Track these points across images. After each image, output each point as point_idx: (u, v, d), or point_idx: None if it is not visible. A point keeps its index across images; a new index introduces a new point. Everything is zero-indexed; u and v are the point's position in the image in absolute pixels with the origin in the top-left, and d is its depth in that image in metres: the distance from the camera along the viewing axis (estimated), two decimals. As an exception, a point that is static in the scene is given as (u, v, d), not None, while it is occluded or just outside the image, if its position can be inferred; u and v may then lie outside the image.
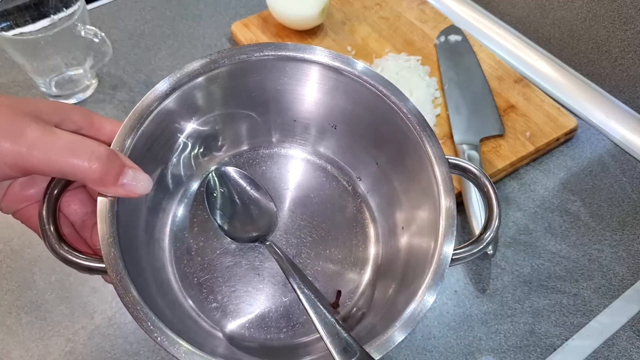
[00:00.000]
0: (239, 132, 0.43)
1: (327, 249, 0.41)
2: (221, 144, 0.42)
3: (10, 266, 0.48)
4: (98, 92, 0.62)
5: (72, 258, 0.30)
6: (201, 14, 0.72)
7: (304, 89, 0.40)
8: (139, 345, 0.44)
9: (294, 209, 0.42)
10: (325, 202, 0.42)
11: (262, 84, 0.39)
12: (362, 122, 0.40)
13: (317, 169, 0.44)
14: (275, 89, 0.40)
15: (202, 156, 0.41)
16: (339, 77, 0.38)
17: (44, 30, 0.57)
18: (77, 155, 0.27)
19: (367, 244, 0.41)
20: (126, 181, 0.28)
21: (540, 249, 0.50)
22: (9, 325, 0.45)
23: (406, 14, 0.69)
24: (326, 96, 0.40)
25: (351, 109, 0.40)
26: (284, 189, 0.42)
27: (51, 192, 0.31)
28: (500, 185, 0.55)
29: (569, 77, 0.64)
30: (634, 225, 0.52)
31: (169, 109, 0.35)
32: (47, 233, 0.30)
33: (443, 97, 0.60)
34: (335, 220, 0.41)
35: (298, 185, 0.43)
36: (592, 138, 0.59)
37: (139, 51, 0.67)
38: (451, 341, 0.45)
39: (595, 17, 0.59)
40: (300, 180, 0.43)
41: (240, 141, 0.43)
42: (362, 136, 0.41)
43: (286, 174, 0.43)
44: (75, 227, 0.33)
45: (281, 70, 0.39)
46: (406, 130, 0.36)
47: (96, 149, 0.27)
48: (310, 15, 0.64)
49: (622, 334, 0.45)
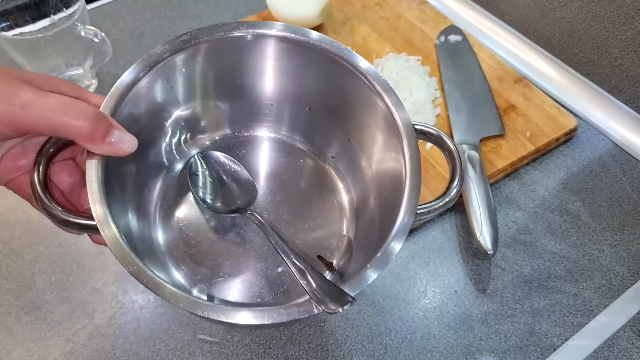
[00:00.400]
0: (218, 117, 0.44)
1: (305, 223, 0.43)
2: (202, 128, 0.44)
3: (10, 266, 0.49)
4: (98, 91, 0.62)
5: (64, 216, 0.31)
6: (201, 14, 0.72)
7: (269, 68, 0.42)
8: (139, 345, 0.44)
9: (272, 188, 0.44)
10: (301, 181, 0.45)
11: (232, 67, 0.41)
12: (334, 101, 0.42)
13: (292, 149, 0.46)
14: (247, 72, 0.42)
15: (184, 140, 0.43)
16: (301, 49, 0.40)
17: (44, 30, 0.57)
18: (68, 114, 0.29)
19: (342, 217, 0.44)
20: (113, 140, 0.31)
21: (541, 249, 0.50)
22: (9, 325, 0.45)
23: (406, 14, 0.69)
24: (295, 78, 0.42)
25: (323, 88, 0.42)
26: (261, 170, 0.45)
27: (41, 159, 0.32)
28: (500, 185, 0.55)
29: (569, 77, 0.64)
30: (634, 225, 0.52)
31: (145, 93, 0.37)
32: (40, 196, 0.31)
33: (443, 97, 0.60)
34: (311, 198, 0.44)
35: (275, 166, 0.45)
36: (592, 138, 0.59)
37: (139, 51, 0.67)
38: (451, 341, 0.45)
39: (595, 17, 0.59)
40: (277, 161, 0.46)
41: (221, 125, 0.45)
42: (335, 115, 0.43)
43: (264, 156, 0.46)
44: (65, 194, 0.35)
45: (246, 49, 0.40)
46: (373, 98, 0.39)
47: (85, 108, 0.30)
48: (310, 15, 0.64)
49: (622, 334, 0.45)
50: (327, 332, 0.45)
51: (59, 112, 0.29)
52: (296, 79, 0.43)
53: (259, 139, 0.47)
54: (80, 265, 0.49)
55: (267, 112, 0.46)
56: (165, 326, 0.45)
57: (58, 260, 0.49)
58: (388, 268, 0.32)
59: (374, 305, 0.47)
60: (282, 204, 0.43)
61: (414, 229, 0.51)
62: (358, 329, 0.45)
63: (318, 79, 0.42)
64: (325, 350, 0.44)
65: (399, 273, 0.49)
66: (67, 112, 0.29)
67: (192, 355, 0.44)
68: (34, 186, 0.32)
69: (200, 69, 0.40)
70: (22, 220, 0.51)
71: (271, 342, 0.44)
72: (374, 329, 0.45)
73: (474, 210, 0.49)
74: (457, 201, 0.52)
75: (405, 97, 0.58)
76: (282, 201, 0.44)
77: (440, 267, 0.49)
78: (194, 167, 0.42)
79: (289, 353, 0.44)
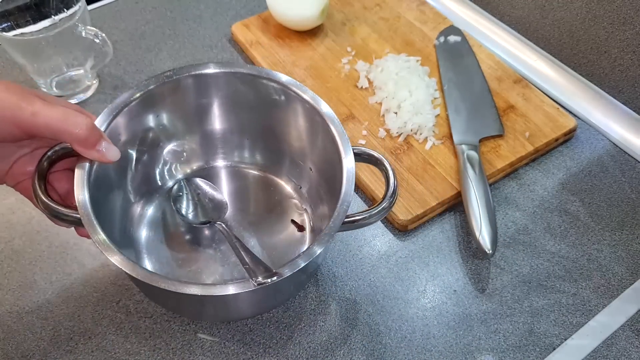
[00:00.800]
0: (194, 149, 0.52)
1: (270, 238, 0.49)
2: (180, 158, 0.52)
3: (11, 266, 0.49)
4: (99, 92, 0.62)
5: (56, 207, 0.37)
6: (202, 15, 0.72)
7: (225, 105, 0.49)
8: (140, 345, 0.44)
9: (240, 209, 0.51)
10: (267, 205, 0.51)
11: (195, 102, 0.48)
12: (288, 130, 0.48)
13: (257, 177, 0.53)
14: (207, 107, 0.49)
15: (164, 166, 0.51)
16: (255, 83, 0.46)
17: (44, 31, 0.58)
18: (68, 123, 0.35)
19: (304, 234, 0.50)
20: (101, 148, 0.37)
21: (540, 248, 0.50)
22: (9, 325, 0.45)
23: (406, 14, 0.70)
24: (246, 111, 0.49)
25: (276, 120, 0.48)
26: (230, 197, 0.52)
27: (42, 164, 0.38)
28: (499, 185, 0.55)
29: (568, 78, 0.64)
30: (633, 225, 0.52)
31: (128, 122, 0.44)
32: (38, 192, 0.37)
33: (442, 98, 0.60)
34: (275, 218, 0.50)
35: (241, 192, 0.52)
36: (592, 138, 0.59)
37: (140, 52, 0.67)
38: (450, 340, 0.45)
39: (594, 18, 0.60)
40: (244, 188, 0.53)
41: (196, 156, 0.52)
42: (293, 143, 0.49)
43: (232, 185, 0.53)
44: (62, 197, 0.41)
45: (208, 88, 0.47)
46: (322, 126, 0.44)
47: (83, 120, 0.36)
48: (310, 16, 0.64)
49: (620, 334, 0.45)
50: (327, 332, 0.45)
51: (61, 121, 0.35)
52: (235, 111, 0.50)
53: (222, 168, 0.53)
54: (81, 265, 0.49)
55: (230, 144, 0.52)
56: (166, 325, 0.45)
57: (59, 260, 0.49)
58: (305, 265, 0.36)
59: (374, 305, 0.47)
60: (248, 225, 0.50)
61: (414, 229, 0.51)
62: (358, 328, 0.45)
63: (266, 112, 0.48)
64: (325, 349, 0.44)
65: (399, 273, 0.49)
66: (68, 121, 0.35)
67: (192, 354, 0.44)
68: (34, 184, 0.38)
69: (166, 107, 0.47)
70: (23, 220, 0.51)
71: (271, 342, 0.45)
72: (374, 328, 0.45)
73: (474, 210, 0.49)
74: (457, 201, 0.53)
75: (405, 98, 0.58)
76: (251, 221, 0.50)
77: (440, 267, 0.49)
78: (174, 190, 0.49)
79: (289, 352, 0.44)
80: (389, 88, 0.59)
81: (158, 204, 0.50)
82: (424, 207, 0.51)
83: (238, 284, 0.35)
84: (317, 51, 0.65)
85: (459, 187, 0.52)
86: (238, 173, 0.53)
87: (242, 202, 0.51)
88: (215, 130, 0.51)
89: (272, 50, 0.65)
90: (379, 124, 0.58)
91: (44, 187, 0.38)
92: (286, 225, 0.50)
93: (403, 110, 0.57)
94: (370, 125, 0.58)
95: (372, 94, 0.61)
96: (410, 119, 0.56)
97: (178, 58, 0.66)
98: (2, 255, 0.49)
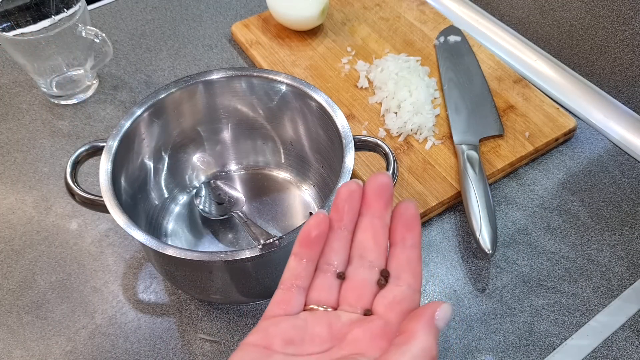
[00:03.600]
0: (219, 154, 0.55)
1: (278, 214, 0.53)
2: (204, 163, 0.55)
3: (11, 266, 0.49)
4: (99, 92, 0.62)
5: (84, 194, 0.42)
6: (202, 15, 0.72)
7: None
8: (140, 344, 0.44)
9: (258, 208, 0.54)
10: (283, 203, 0.54)
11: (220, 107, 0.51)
12: (313, 138, 0.50)
13: (276, 179, 0.55)
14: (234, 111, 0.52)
15: (192, 171, 0.54)
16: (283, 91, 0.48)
17: (44, 31, 0.58)
18: None
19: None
20: None
21: (540, 248, 0.50)
22: (9, 325, 0.45)
23: (406, 14, 0.70)
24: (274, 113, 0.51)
25: (304, 129, 0.51)
26: (247, 197, 0.54)
27: (75, 162, 0.43)
28: (499, 185, 0.55)
29: (568, 78, 0.64)
30: (632, 225, 0.52)
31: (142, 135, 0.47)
32: (68, 182, 0.42)
33: (442, 98, 0.60)
34: (290, 215, 0.53)
35: (257, 192, 0.55)
36: (591, 138, 0.59)
37: (140, 51, 0.67)
38: (450, 340, 0.45)
39: (594, 18, 0.60)
40: (260, 189, 0.55)
41: (222, 162, 0.55)
42: (313, 148, 0.51)
43: (248, 186, 0.55)
44: None
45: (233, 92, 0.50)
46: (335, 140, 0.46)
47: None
48: (310, 16, 0.64)
49: (620, 334, 0.45)
50: (326, 332, 0.45)
51: None
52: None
53: (230, 172, 0.56)
54: (81, 264, 0.49)
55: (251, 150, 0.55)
56: (166, 325, 0.45)
57: (59, 260, 0.49)
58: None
59: (374, 305, 0.47)
60: (263, 215, 0.53)
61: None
62: (358, 328, 0.45)
63: (295, 121, 0.51)
64: (325, 349, 0.44)
65: (399, 273, 0.49)
66: None
67: (192, 354, 0.44)
68: (65, 176, 0.42)
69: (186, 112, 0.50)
70: (23, 220, 0.51)
71: (271, 342, 0.44)
72: (374, 329, 0.45)
73: (473, 210, 0.49)
74: (457, 201, 0.53)
75: (405, 98, 0.58)
76: (266, 217, 0.53)
77: (440, 267, 0.49)
78: (198, 190, 0.53)
79: (289, 352, 0.44)
80: (389, 88, 0.59)
81: (182, 203, 0.53)
82: (423, 207, 0.51)
83: (242, 249, 0.38)
84: (317, 51, 0.65)
85: (459, 187, 0.52)
86: (255, 176, 0.56)
87: (259, 202, 0.54)
88: (233, 134, 0.53)
89: (272, 50, 0.65)
90: (379, 123, 0.58)
91: (75, 183, 0.42)
92: (302, 220, 0.52)
93: (403, 110, 0.57)
94: (370, 125, 0.58)
95: (372, 94, 0.61)
96: (410, 118, 0.56)
97: (178, 58, 0.66)
98: (2, 255, 0.49)
